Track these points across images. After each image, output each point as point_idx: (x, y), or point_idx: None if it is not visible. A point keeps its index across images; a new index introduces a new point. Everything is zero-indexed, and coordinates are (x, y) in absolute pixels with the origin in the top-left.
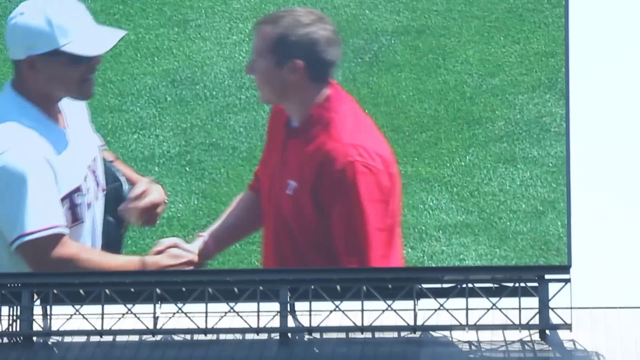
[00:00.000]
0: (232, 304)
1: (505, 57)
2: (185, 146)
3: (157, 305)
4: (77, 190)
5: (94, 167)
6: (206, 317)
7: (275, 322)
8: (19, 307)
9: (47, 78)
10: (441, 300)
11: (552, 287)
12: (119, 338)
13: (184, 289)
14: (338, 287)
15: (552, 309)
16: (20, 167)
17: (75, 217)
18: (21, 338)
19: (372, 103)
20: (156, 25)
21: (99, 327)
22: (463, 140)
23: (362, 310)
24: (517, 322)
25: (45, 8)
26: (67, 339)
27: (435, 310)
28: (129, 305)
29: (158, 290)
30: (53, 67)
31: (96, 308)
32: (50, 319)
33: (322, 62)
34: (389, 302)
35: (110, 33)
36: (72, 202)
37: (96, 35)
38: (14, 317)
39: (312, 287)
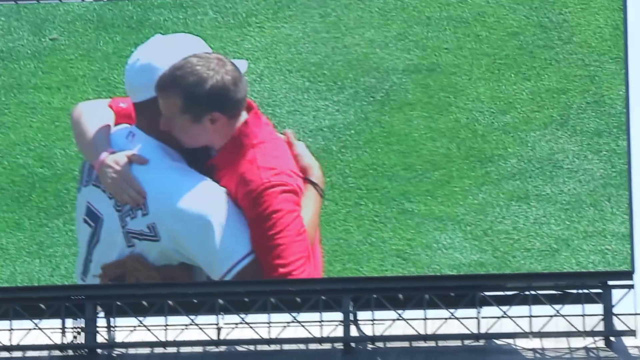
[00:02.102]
0: (294, 314)
1: (517, 94)
2: None
3: (220, 316)
4: None
5: None
6: (269, 327)
7: (339, 332)
8: (83, 320)
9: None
10: (504, 308)
11: (616, 294)
12: (183, 349)
13: (246, 300)
14: (400, 296)
15: (616, 315)
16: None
17: None
18: (85, 350)
19: (384, 142)
20: None
21: (162, 339)
22: (476, 178)
23: (425, 319)
24: (581, 329)
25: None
26: (131, 350)
27: (499, 318)
28: (192, 317)
29: (221, 301)
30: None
31: (159, 319)
32: (114, 331)
33: (236, 102)
34: (452, 310)
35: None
36: None
37: None
38: (78, 330)
39: (375, 296)
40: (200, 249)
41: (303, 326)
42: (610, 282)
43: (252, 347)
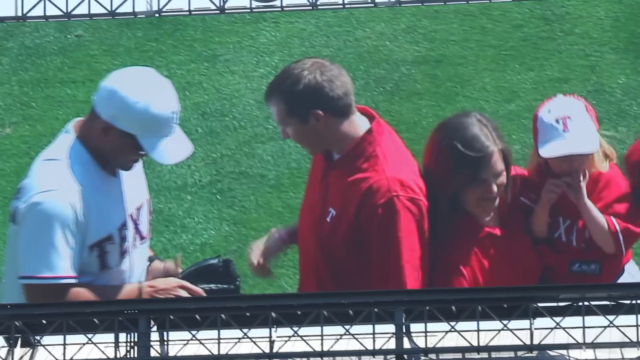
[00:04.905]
0: (347, 327)
1: (521, 84)
2: (216, 175)
3: (273, 329)
4: (108, 239)
5: (137, 215)
6: (322, 339)
7: (391, 344)
8: (136, 334)
9: (111, 146)
10: (557, 319)
11: None
12: None
13: (299, 312)
14: (453, 308)
15: None
16: (50, 211)
17: (103, 264)
18: None
19: (394, 130)
20: (187, 61)
21: (215, 352)
22: None
23: (478, 331)
24: (634, 340)
25: (153, 96)
26: None
27: (552, 329)
28: (245, 330)
29: (273, 314)
30: (122, 144)
31: (212, 333)
32: (168, 344)
33: (336, 99)
34: (505, 321)
35: (182, 146)
36: (101, 250)
37: (171, 142)
38: (132, 344)
39: (427, 308)
40: (26, 241)
41: (356, 338)
42: None
43: None
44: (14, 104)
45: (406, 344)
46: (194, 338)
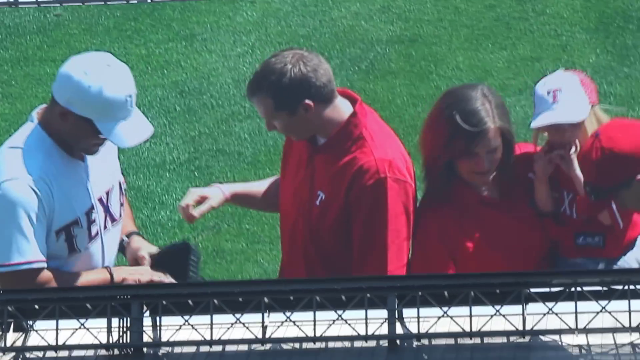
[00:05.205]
0: (339, 312)
1: (494, 63)
2: (194, 153)
3: (266, 314)
4: (75, 223)
5: (106, 199)
6: (314, 325)
7: (384, 329)
8: (128, 319)
9: (70, 131)
10: (550, 304)
11: None
12: (228, 348)
13: (291, 298)
14: (446, 293)
15: None
16: (14, 198)
17: (72, 248)
18: (131, 349)
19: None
20: (165, 40)
21: (208, 337)
22: None
23: (470, 316)
24: (627, 325)
25: (106, 80)
26: (177, 349)
27: (544, 314)
28: (238, 315)
29: (266, 300)
30: (80, 128)
31: (205, 318)
32: (160, 329)
33: (322, 87)
34: (498, 307)
35: (141, 128)
36: (68, 234)
37: (128, 125)
38: (124, 329)
39: (420, 293)
40: None
41: (348, 324)
42: None
43: (297, 345)
44: None
45: (399, 330)
46: (186, 323)
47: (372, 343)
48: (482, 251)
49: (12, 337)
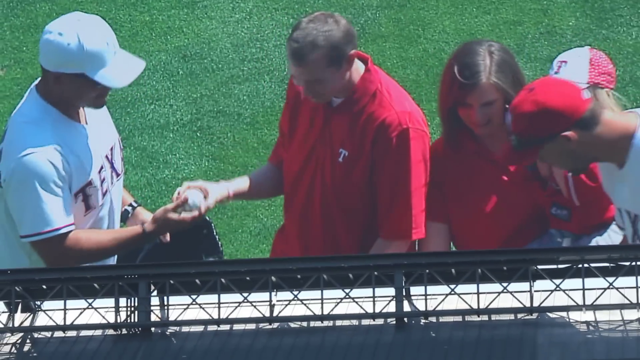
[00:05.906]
0: (347, 290)
1: (478, 26)
2: (196, 114)
3: (273, 293)
4: (89, 184)
5: (111, 156)
6: (322, 303)
7: (391, 307)
8: (136, 299)
9: (69, 91)
10: (557, 281)
11: None
12: (236, 327)
13: (299, 277)
14: (453, 271)
15: None
16: (34, 170)
17: (88, 207)
18: (139, 329)
19: None
20: (168, 7)
21: (215, 316)
22: None
23: (478, 293)
24: (634, 301)
25: (81, 33)
26: (185, 328)
27: (552, 291)
28: (245, 294)
29: (273, 278)
30: (76, 85)
31: (213, 297)
32: (168, 309)
33: (356, 39)
34: (505, 284)
35: (131, 65)
36: (85, 194)
37: (119, 66)
38: (132, 309)
39: (427, 271)
40: (18, 203)
41: (356, 302)
42: None
43: (304, 324)
44: (7, 48)
45: (406, 307)
46: (194, 302)
47: (379, 321)
48: (467, 199)
49: (20, 318)
